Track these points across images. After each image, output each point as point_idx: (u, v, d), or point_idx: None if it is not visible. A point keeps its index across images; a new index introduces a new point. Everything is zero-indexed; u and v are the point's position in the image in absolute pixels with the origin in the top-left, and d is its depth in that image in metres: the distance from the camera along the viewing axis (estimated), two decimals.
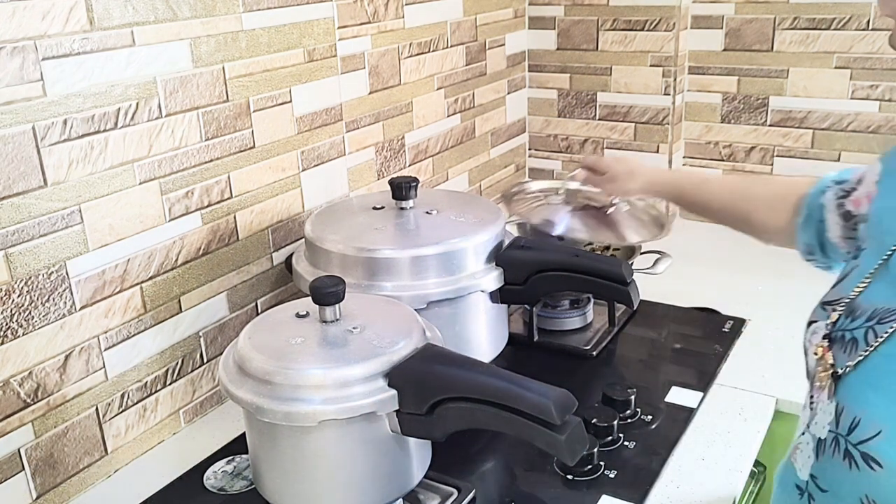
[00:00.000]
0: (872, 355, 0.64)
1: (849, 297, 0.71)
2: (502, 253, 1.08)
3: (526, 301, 1.19)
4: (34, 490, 0.95)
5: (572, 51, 1.81)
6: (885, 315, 0.65)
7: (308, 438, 0.80)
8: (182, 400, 1.13)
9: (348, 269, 1.03)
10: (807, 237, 0.96)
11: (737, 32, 1.71)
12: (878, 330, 0.65)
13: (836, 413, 0.66)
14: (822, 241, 0.95)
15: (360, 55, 1.33)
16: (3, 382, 0.90)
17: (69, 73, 0.90)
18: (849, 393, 0.66)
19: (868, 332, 0.66)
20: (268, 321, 0.89)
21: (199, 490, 0.99)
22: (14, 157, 0.86)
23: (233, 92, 1.11)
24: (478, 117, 1.71)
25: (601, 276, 1.07)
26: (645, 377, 1.22)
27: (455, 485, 0.94)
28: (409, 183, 1.11)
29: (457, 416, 0.79)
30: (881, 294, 0.68)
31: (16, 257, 0.89)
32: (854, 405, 0.64)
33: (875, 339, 0.65)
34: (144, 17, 0.97)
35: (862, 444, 0.62)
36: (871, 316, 0.67)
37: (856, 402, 0.64)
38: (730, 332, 1.32)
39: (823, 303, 0.75)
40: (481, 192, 1.78)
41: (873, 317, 0.66)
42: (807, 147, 1.72)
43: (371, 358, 0.80)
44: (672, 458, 1.02)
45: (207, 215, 1.11)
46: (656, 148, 1.79)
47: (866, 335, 0.66)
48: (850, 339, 0.68)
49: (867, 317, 0.67)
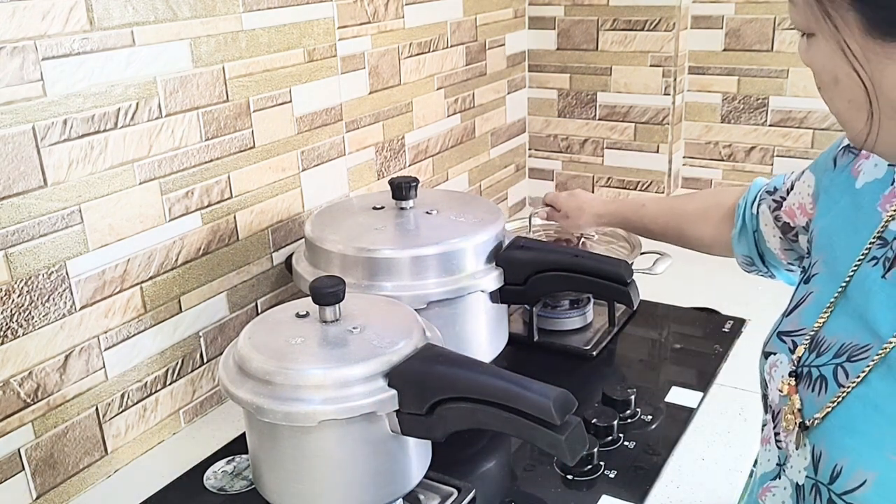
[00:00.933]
0: (847, 398, 0.61)
1: (811, 330, 0.68)
2: (502, 253, 1.08)
3: (526, 301, 1.19)
4: (34, 490, 0.95)
5: (572, 51, 1.81)
6: (855, 353, 0.62)
7: (308, 438, 0.80)
8: (182, 400, 1.13)
9: (348, 269, 1.03)
10: (744, 248, 0.95)
11: (737, 32, 1.71)
12: (849, 369, 0.62)
13: (812, 458, 0.63)
14: (761, 251, 0.93)
15: (360, 55, 1.34)
16: (3, 382, 0.90)
17: (69, 73, 0.90)
18: (825, 438, 0.62)
19: (837, 369, 0.63)
20: (268, 321, 0.89)
21: (199, 490, 0.99)
22: (14, 157, 0.87)
23: (233, 92, 1.11)
24: (478, 117, 1.71)
25: (601, 276, 1.07)
26: (645, 377, 1.22)
27: (455, 485, 0.94)
28: (409, 183, 1.11)
29: (457, 416, 0.79)
30: (844, 327, 0.65)
31: (16, 257, 0.89)
32: (833, 452, 0.61)
33: (846, 378, 0.62)
34: (144, 17, 0.97)
35: (848, 495, 0.59)
36: (838, 352, 0.64)
37: (834, 448, 0.61)
38: (730, 332, 1.32)
39: (780, 333, 0.72)
40: (481, 192, 1.78)
41: (841, 353, 0.63)
42: (807, 147, 1.72)
43: (371, 358, 0.80)
44: (672, 458, 1.02)
45: (207, 215, 1.11)
46: (656, 148, 1.79)
47: (835, 373, 0.63)
48: (818, 376, 0.65)
49: (834, 353, 0.64)
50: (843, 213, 0.73)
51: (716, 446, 1.05)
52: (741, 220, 0.94)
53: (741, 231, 0.94)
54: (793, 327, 0.71)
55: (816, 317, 0.67)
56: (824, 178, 0.78)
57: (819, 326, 0.67)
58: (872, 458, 0.58)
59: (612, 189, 1.87)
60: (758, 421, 1.10)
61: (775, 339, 0.72)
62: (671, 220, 1.09)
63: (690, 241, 1.07)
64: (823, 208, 0.77)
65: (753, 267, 0.97)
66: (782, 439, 0.68)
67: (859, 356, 0.61)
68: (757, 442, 1.06)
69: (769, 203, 0.89)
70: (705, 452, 1.03)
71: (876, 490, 0.57)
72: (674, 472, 1.00)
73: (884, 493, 0.57)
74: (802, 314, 0.71)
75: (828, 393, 0.63)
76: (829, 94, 0.59)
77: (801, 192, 0.83)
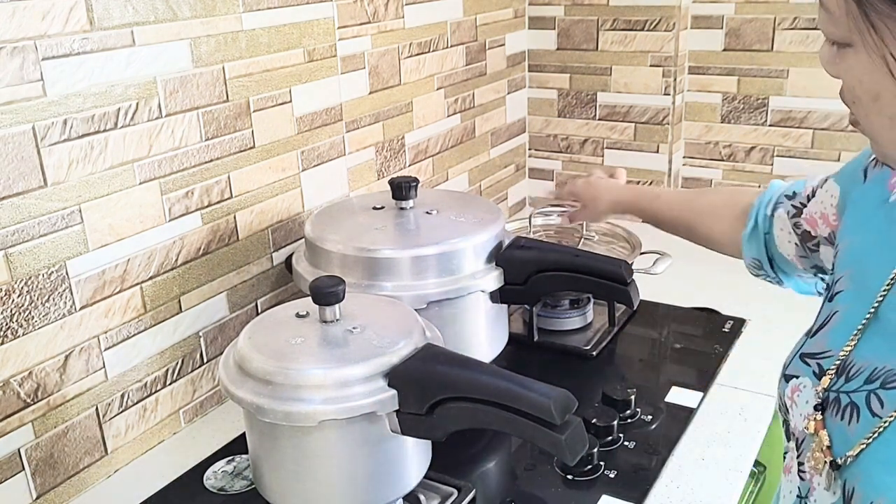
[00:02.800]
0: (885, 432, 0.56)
1: (839, 353, 0.63)
2: (502, 253, 1.08)
3: (526, 301, 1.19)
4: (34, 490, 0.95)
5: (572, 51, 1.81)
6: (890, 378, 0.57)
7: (308, 438, 0.80)
8: (182, 400, 1.13)
9: (348, 269, 1.03)
10: (753, 251, 0.92)
11: (737, 32, 1.71)
12: (884, 397, 0.57)
13: (844, 495, 0.59)
14: (771, 254, 0.90)
15: (360, 55, 1.33)
16: (3, 382, 0.90)
17: (69, 73, 0.90)
18: (860, 475, 0.57)
19: (870, 397, 0.58)
20: (268, 321, 0.89)
21: (199, 490, 0.99)
22: (14, 157, 0.86)
23: (233, 92, 1.11)
24: (478, 117, 1.71)
25: (601, 276, 1.07)
26: (645, 377, 1.22)
27: (455, 485, 0.94)
28: (409, 183, 1.11)
29: (457, 415, 0.79)
30: (876, 350, 0.60)
31: (16, 257, 0.89)
32: (868, 490, 0.56)
33: (881, 408, 0.57)
34: (144, 17, 0.97)
35: None
36: (870, 377, 0.59)
37: (870, 486, 0.56)
38: (730, 332, 1.32)
39: (803, 355, 0.68)
40: (481, 192, 1.78)
41: (873, 378, 0.59)
42: (807, 147, 1.72)
43: (371, 358, 0.80)
44: (672, 458, 1.02)
45: (207, 215, 1.11)
46: (656, 148, 1.79)
47: (868, 401, 0.58)
48: (848, 403, 0.60)
49: (865, 378, 0.60)
50: (875, 228, 0.68)
51: (716, 446, 1.04)
52: (754, 220, 0.91)
53: (752, 232, 0.91)
54: (818, 349, 0.66)
55: (845, 339, 0.63)
56: (853, 191, 0.74)
57: (849, 350, 0.62)
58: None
59: None
60: (758, 421, 1.10)
61: (797, 362, 0.68)
62: (684, 213, 1.07)
63: (700, 236, 1.04)
64: (852, 222, 0.73)
65: (762, 271, 0.94)
66: (807, 471, 0.64)
67: (894, 383, 0.57)
68: (757, 442, 1.06)
69: (787, 208, 0.86)
70: (705, 452, 1.03)
71: None
72: (674, 472, 1.00)
73: None
74: (829, 335, 0.66)
75: (860, 423, 0.59)
76: (865, 110, 0.55)
77: (824, 200, 0.79)
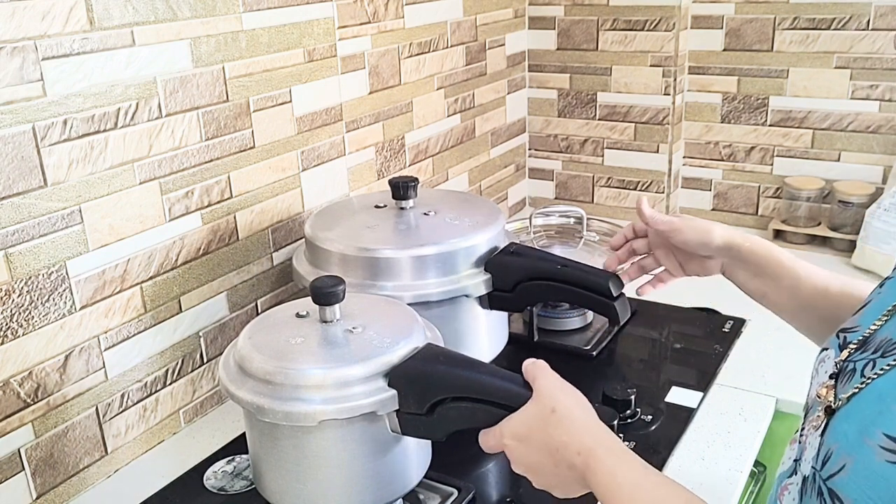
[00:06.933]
0: (865, 389, 0.59)
1: (866, 330, 0.65)
2: (493, 258, 1.07)
3: (513, 308, 1.13)
4: (34, 490, 0.95)
5: (572, 51, 1.81)
6: (889, 347, 0.60)
7: (308, 438, 0.80)
8: (182, 400, 1.13)
9: (348, 269, 1.03)
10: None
11: (737, 32, 1.71)
12: (879, 363, 0.60)
13: (819, 448, 0.61)
14: None
15: (360, 55, 1.33)
16: (3, 382, 0.90)
17: (69, 73, 0.90)
18: (832, 426, 0.61)
19: (868, 363, 0.61)
20: (268, 321, 0.89)
21: (199, 490, 0.99)
22: (14, 157, 0.86)
23: (233, 92, 1.11)
24: (478, 117, 1.71)
25: (587, 288, 1.05)
26: (645, 377, 1.22)
27: (455, 485, 0.94)
28: (409, 183, 1.11)
29: (457, 415, 0.79)
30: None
31: (16, 257, 0.89)
32: (829, 437, 0.60)
33: (872, 370, 0.60)
34: (144, 17, 0.97)
35: (829, 480, 0.57)
36: (876, 348, 0.62)
37: (832, 433, 0.60)
38: (730, 332, 1.32)
39: (839, 330, 0.70)
40: (481, 192, 1.78)
41: (878, 349, 0.62)
42: (807, 147, 1.72)
43: (371, 358, 0.80)
44: (672, 458, 1.02)
45: (207, 215, 1.11)
46: (656, 148, 1.79)
47: (864, 367, 0.61)
48: (852, 369, 0.63)
49: (873, 349, 0.62)
50: None
51: (716, 446, 1.05)
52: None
53: None
54: (850, 324, 0.69)
55: (874, 318, 0.65)
56: None
57: (875, 328, 0.64)
58: (854, 443, 0.56)
59: (611, 189, 1.87)
60: (758, 421, 1.10)
61: (833, 336, 0.70)
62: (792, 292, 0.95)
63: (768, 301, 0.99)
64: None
65: None
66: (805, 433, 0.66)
67: (892, 351, 0.60)
68: (757, 442, 1.06)
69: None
70: (705, 452, 1.03)
71: (851, 476, 0.55)
72: (674, 472, 1.00)
73: (856, 479, 0.55)
74: (864, 313, 0.69)
75: (851, 384, 0.62)
76: None
77: None
